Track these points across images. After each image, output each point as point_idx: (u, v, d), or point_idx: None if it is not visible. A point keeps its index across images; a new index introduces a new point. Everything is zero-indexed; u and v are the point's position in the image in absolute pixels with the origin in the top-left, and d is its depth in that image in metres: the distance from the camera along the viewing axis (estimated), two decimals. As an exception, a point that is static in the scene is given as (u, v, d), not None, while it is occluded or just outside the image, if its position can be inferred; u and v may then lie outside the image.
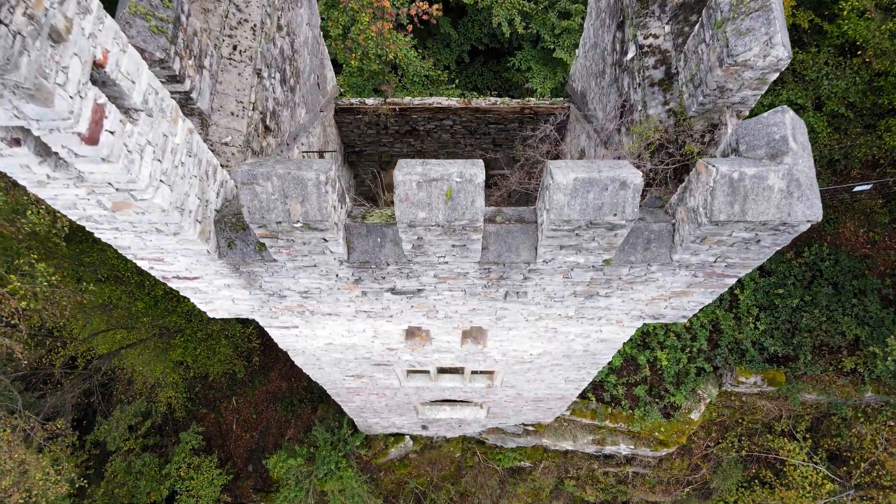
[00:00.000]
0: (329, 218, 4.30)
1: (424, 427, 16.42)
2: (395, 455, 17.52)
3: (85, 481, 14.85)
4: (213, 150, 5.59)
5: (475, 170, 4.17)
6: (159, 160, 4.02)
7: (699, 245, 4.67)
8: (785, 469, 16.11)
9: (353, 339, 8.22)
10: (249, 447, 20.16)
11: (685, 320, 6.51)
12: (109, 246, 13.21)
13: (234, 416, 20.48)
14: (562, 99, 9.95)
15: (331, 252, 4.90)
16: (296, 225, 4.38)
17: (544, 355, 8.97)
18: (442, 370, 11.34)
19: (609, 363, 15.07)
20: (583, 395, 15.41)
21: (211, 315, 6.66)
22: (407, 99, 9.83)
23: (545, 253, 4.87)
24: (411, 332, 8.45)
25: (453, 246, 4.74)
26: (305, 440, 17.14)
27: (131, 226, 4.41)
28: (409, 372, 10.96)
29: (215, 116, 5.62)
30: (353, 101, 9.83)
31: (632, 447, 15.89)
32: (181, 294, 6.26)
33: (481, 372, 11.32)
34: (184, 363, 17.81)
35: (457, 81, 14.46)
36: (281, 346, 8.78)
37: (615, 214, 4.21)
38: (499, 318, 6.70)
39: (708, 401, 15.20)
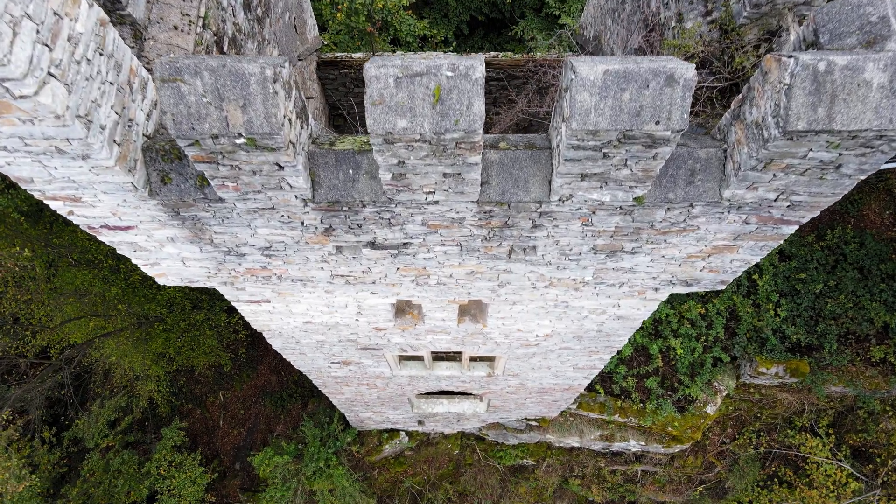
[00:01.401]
0: (281, 131, 3.27)
1: (420, 422, 15.41)
2: (390, 452, 16.50)
3: (36, 478, 13.78)
4: (150, 71, 4.56)
5: (472, 62, 3.15)
6: (47, 46, 2.99)
7: (760, 173, 3.64)
8: (807, 467, 15.06)
9: (334, 316, 7.20)
10: (237, 444, 19.14)
11: (723, 287, 5.48)
12: (80, 227, 12.19)
13: (221, 411, 19.45)
14: (571, 53, 8.92)
15: (290, 186, 3.87)
16: (238, 141, 3.35)
17: (552, 337, 7.94)
18: (437, 357, 10.32)
19: (618, 353, 14.03)
20: (590, 388, 14.39)
21: (161, 281, 5.63)
22: (399, 53, 8.79)
23: (562, 187, 3.84)
24: (401, 309, 7.43)
25: (444, 175, 3.71)
26: (294, 436, 16.12)
27: (23, 144, 3.38)
28: (401, 358, 9.94)
29: (153, 30, 4.59)
30: (338, 54, 8.79)
31: (642, 443, 14.85)
32: (120, 252, 5.24)
33: (481, 359, 10.30)
34: (166, 355, 16.77)
35: (454, 44, 13.41)
36: (254, 325, 7.76)
37: (658, 122, 3.18)
38: (501, 284, 5.67)
39: (725, 393, 14.14)
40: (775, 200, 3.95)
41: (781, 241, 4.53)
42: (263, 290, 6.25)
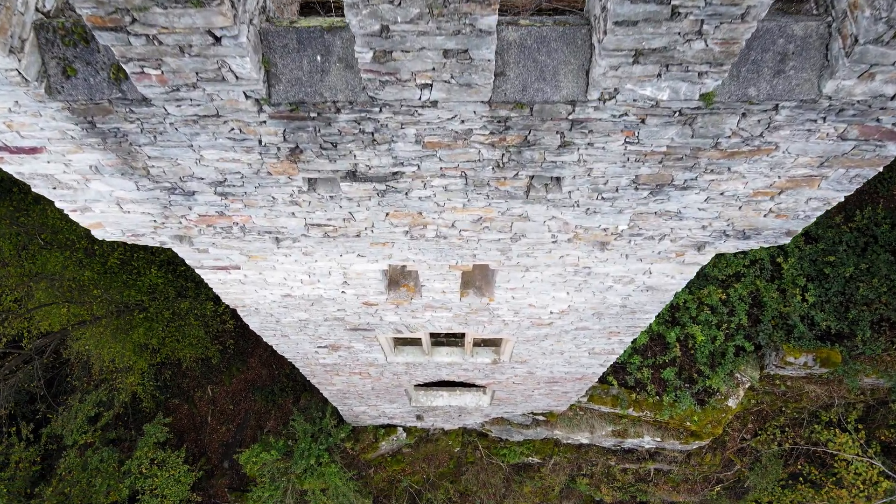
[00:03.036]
0: (209, -29, 2.25)
1: (419, 417, 14.41)
2: (387, 449, 15.49)
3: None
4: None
5: None
6: None
7: (885, 49, 2.62)
8: (834, 465, 14.04)
9: (317, 287, 6.19)
10: (225, 441, 18.13)
11: (788, 239, 4.47)
12: (51, 204, 11.15)
13: (209, 406, 18.44)
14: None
15: (235, 77, 2.84)
16: (148, -12, 2.33)
17: (568, 314, 6.93)
18: (437, 341, 9.31)
19: (633, 341, 13.00)
20: (602, 380, 13.36)
21: (98, 235, 4.61)
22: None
23: (605, 75, 2.82)
24: (394, 280, 6.43)
25: (446, 55, 2.69)
26: (284, 432, 15.11)
27: None
28: (396, 342, 8.93)
29: None
30: (324, -3, 7.78)
31: (658, 439, 13.83)
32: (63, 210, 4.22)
33: (485, 343, 9.29)
34: (149, 346, 15.74)
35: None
36: (225, 300, 6.75)
37: (761, -54, 2.15)
38: (515, 238, 4.65)
39: (748, 385, 13.12)
40: (892, 98, 2.93)
41: (880, 169, 3.51)
42: (230, 251, 5.25)
